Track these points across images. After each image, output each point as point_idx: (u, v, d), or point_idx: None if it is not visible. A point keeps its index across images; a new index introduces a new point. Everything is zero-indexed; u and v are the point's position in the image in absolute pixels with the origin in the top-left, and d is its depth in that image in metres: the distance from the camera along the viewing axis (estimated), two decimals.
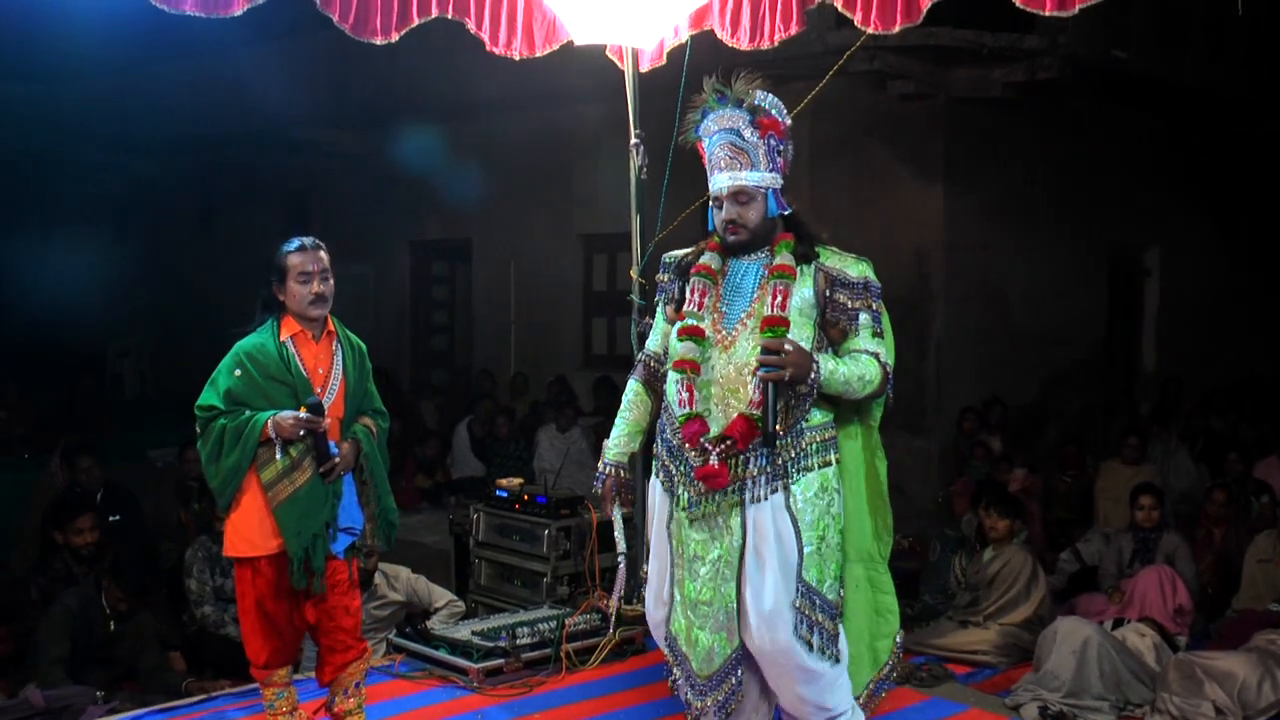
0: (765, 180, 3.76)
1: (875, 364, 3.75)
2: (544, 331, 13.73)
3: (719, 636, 3.78)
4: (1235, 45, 11.68)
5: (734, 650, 3.78)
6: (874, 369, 3.74)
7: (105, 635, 5.89)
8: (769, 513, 3.69)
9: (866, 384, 3.72)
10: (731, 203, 3.76)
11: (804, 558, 3.68)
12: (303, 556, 4.15)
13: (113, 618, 5.92)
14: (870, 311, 3.78)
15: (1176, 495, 9.55)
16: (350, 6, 5.25)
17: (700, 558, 3.77)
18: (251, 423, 4.14)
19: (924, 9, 4.85)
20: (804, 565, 3.69)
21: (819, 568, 3.70)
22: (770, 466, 3.68)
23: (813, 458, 3.72)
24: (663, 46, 5.90)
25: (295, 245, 4.29)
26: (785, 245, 3.77)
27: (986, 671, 6.39)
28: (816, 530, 3.70)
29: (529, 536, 6.50)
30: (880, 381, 3.75)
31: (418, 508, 10.77)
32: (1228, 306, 13.63)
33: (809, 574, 3.69)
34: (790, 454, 3.70)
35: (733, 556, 3.73)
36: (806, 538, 3.69)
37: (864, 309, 3.78)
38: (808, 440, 3.72)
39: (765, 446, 3.60)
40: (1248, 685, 5.54)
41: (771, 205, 3.78)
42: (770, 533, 3.68)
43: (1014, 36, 9.68)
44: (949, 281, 10.88)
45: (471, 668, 5.10)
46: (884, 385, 3.78)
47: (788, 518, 3.68)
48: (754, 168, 3.74)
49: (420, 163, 13.30)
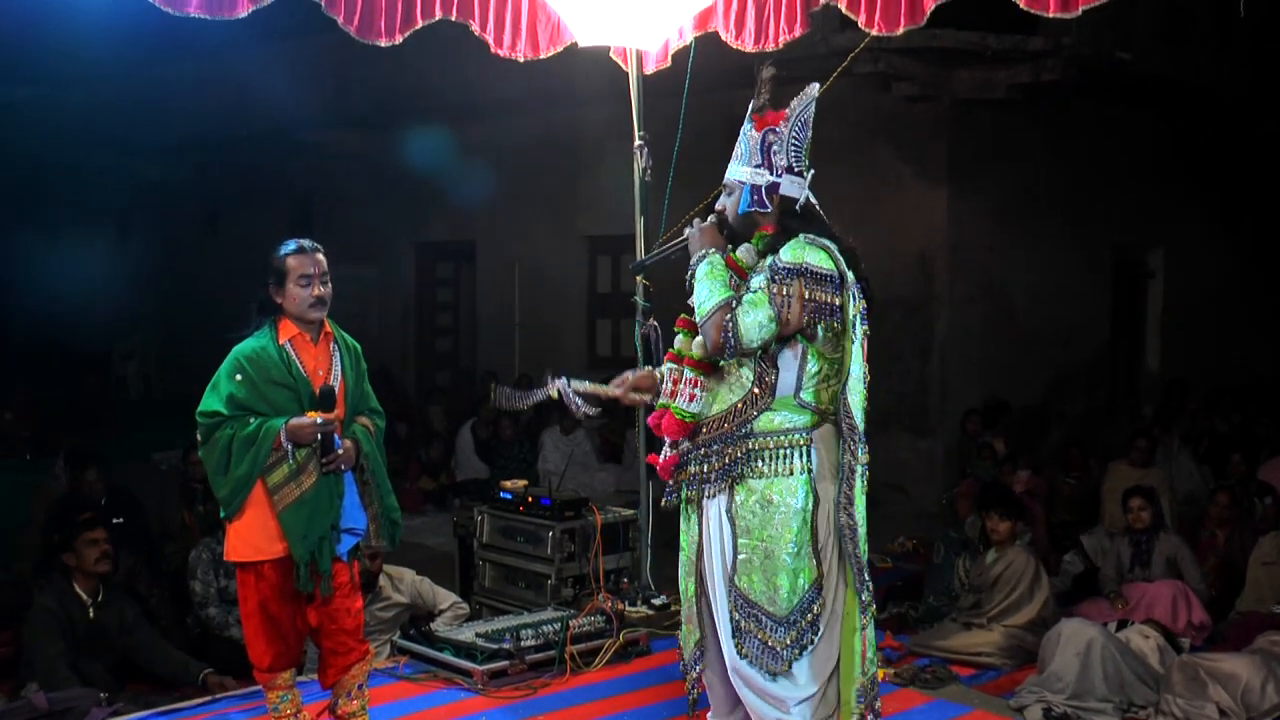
0: (742, 175, 3.75)
1: (718, 299, 3.59)
2: (548, 333, 13.74)
3: (688, 626, 3.92)
4: (1239, 46, 11.67)
5: (696, 642, 3.90)
6: (713, 300, 3.59)
7: (87, 624, 5.84)
8: (715, 513, 3.73)
9: (699, 308, 3.63)
10: (724, 193, 3.85)
11: (737, 565, 3.65)
12: (308, 560, 4.14)
13: (91, 606, 5.87)
14: (770, 280, 3.59)
15: (1180, 497, 9.53)
16: (355, 8, 5.26)
17: (681, 548, 3.92)
18: (264, 431, 4.09)
19: (928, 11, 4.86)
20: (738, 572, 3.66)
21: (760, 578, 3.62)
22: (716, 467, 3.68)
23: (766, 464, 3.63)
24: (667, 48, 5.91)
25: (294, 247, 4.25)
26: (757, 239, 3.76)
27: (990, 673, 6.38)
28: (755, 539, 3.63)
29: (533, 539, 6.50)
30: (709, 319, 3.58)
31: (422, 510, 10.79)
32: (1232, 308, 13.62)
33: (741, 581, 3.65)
34: (735, 456, 3.65)
35: (692, 551, 3.84)
36: (741, 545, 3.65)
37: (765, 278, 3.62)
38: (758, 444, 3.64)
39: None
40: (1251, 687, 5.54)
41: (745, 200, 3.73)
42: (714, 532, 3.74)
43: (1018, 38, 9.67)
44: (953, 283, 10.88)
45: (476, 670, 5.10)
46: (711, 330, 3.57)
47: (728, 521, 3.68)
48: (739, 160, 3.77)
49: (425, 165, 13.32)
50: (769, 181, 3.72)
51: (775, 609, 3.61)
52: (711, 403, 3.73)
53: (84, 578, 5.88)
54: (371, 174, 14.89)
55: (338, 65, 12.74)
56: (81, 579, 5.88)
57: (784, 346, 3.64)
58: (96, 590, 5.90)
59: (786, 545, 3.61)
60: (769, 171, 3.72)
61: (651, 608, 5.94)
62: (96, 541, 5.88)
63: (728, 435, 3.67)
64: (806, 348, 3.64)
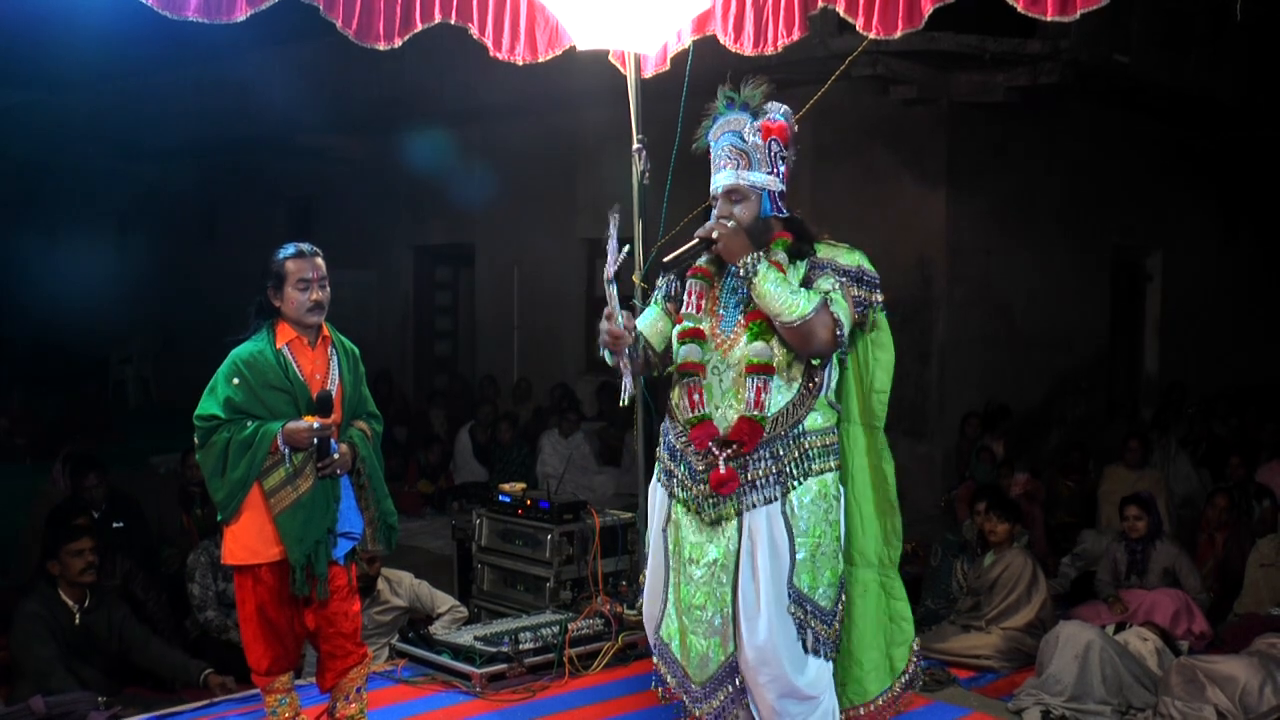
0: (760, 181, 3.74)
1: (814, 302, 3.59)
2: (547, 336, 13.75)
3: (713, 642, 3.76)
4: (1236, 49, 11.69)
5: (728, 656, 3.76)
6: (808, 304, 3.58)
7: (74, 630, 5.78)
8: (764, 518, 3.67)
9: (790, 310, 3.57)
10: (725, 201, 3.77)
11: (795, 564, 3.66)
12: (305, 563, 4.15)
13: (77, 613, 5.80)
14: (838, 283, 3.65)
15: (1178, 500, 9.55)
16: (353, 12, 5.25)
17: (695, 561, 3.75)
18: (260, 435, 4.10)
19: (926, 14, 4.86)
20: (795, 572, 3.66)
21: (811, 574, 3.68)
22: (772, 471, 3.66)
23: (814, 462, 3.69)
24: (665, 52, 5.91)
25: (292, 251, 4.26)
26: (780, 244, 3.76)
27: (989, 676, 6.39)
28: (811, 537, 3.67)
29: (532, 541, 6.50)
30: (814, 319, 3.56)
31: (420, 513, 10.79)
32: (1230, 311, 13.64)
33: (799, 580, 3.67)
34: (792, 458, 3.67)
35: (729, 560, 3.71)
36: (799, 544, 3.66)
37: (836, 279, 3.67)
38: (808, 444, 3.69)
39: None
40: (1249, 689, 5.54)
41: (765, 206, 3.75)
42: (764, 538, 3.67)
43: (1016, 41, 9.69)
44: (951, 286, 10.89)
45: (474, 673, 5.10)
46: (820, 329, 3.58)
47: (783, 524, 3.67)
48: (751, 168, 3.74)
49: (423, 168, 13.34)
50: (780, 188, 3.78)
51: (827, 602, 3.71)
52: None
53: (69, 586, 5.81)
54: (370, 177, 14.90)
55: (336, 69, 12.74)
56: (66, 587, 5.81)
57: None
58: (83, 597, 5.82)
59: (832, 539, 3.73)
60: (780, 179, 3.77)
61: None
62: (81, 552, 5.77)
63: (780, 437, 3.68)
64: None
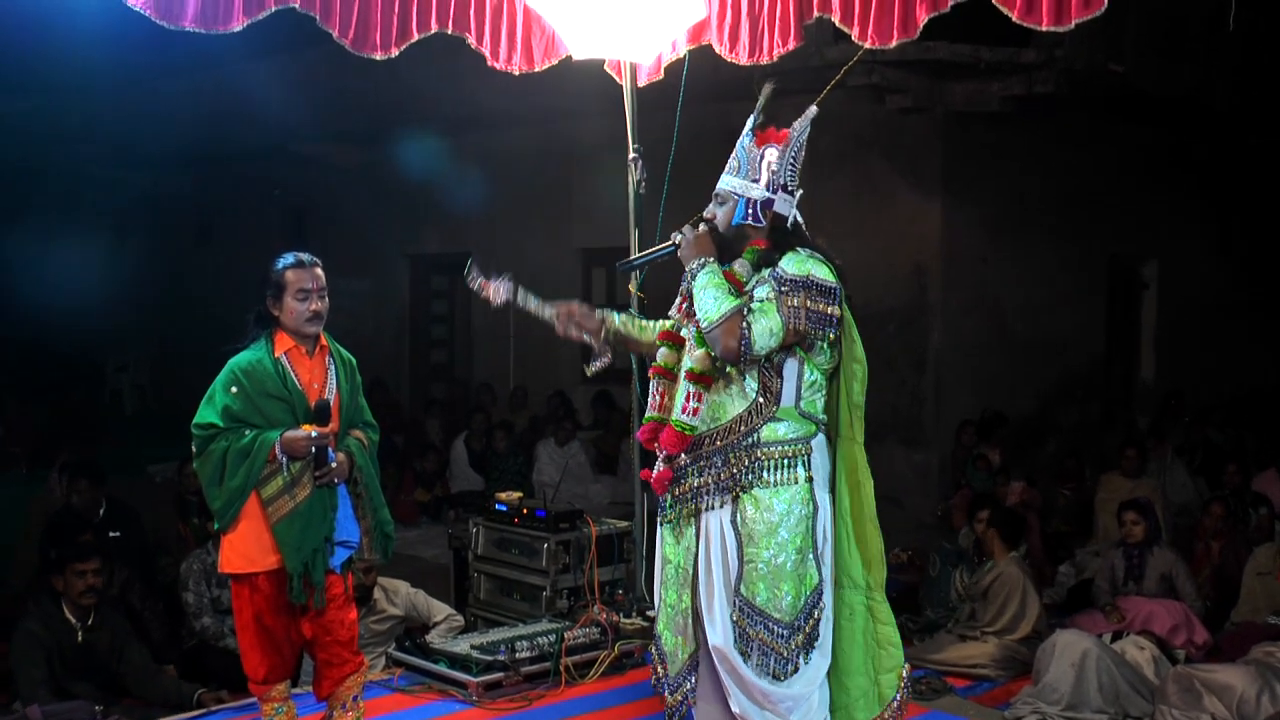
0: (737, 186, 3.76)
1: (725, 307, 3.59)
2: (542, 345, 13.69)
3: (679, 640, 3.85)
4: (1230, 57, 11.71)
5: (689, 655, 3.83)
6: (717, 310, 3.59)
7: (76, 647, 5.78)
8: (716, 523, 3.71)
9: (704, 315, 3.62)
10: (713, 202, 3.84)
11: (744, 573, 3.65)
12: (302, 572, 4.15)
13: (79, 629, 5.79)
14: (777, 291, 3.59)
15: (1175, 508, 9.55)
16: (350, 22, 5.27)
17: (668, 560, 3.86)
18: (258, 444, 4.11)
19: (921, 23, 4.87)
20: (743, 580, 3.65)
21: (766, 585, 3.62)
22: (724, 478, 3.67)
23: (770, 474, 3.64)
24: (661, 61, 5.92)
25: (292, 260, 4.27)
26: (750, 252, 3.77)
27: (985, 685, 6.39)
28: (764, 548, 3.63)
29: (528, 550, 6.50)
30: (721, 325, 3.57)
31: (417, 522, 10.78)
32: (1227, 319, 13.64)
33: (747, 589, 3.63)
34: (742, 466, 3.66)
35: (688, 563, 3.78)
36: (749, 554, 3.64)
37: (774, 288, 3.61)
38: (763, 454, 3.64)
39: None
40: (1246, 698, 5.55)
41: (740, 212, 3.76)
42: (716, 542, 3.71)
43: (1011, 51, 9.70)
44: (947, 294, 10.90)
45: (471, 681, 5.10)
46: (724, 336, 3.57)
47: (732, 531, 3.67)
48: (736, 173, 3.78)
49: (419, 177, 13.32)
50: (764, 197, 3.74)
51: (781, 614, 3.64)
52: (712, 414, 3.72)
53: (71, 603, 5.82)
54: (366, 186, 14.89)
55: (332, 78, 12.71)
56: (69, 604, 5.81)
57: (786, 356, 3.67)
58: (86, 613, 5.82)
59: (791, 553, 3.64)
60: (765, 187, 3.74)
61: (646, 619, 5.92)
62: (84, 574, 5.78)
63: (733, 445, 3.67)
64: (804, 358, 3.68)
